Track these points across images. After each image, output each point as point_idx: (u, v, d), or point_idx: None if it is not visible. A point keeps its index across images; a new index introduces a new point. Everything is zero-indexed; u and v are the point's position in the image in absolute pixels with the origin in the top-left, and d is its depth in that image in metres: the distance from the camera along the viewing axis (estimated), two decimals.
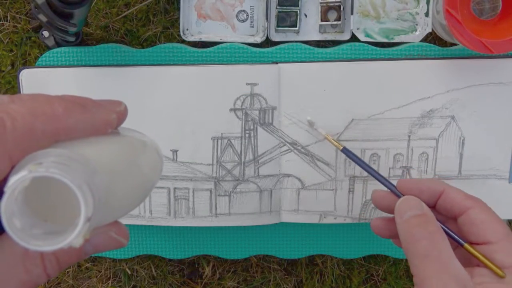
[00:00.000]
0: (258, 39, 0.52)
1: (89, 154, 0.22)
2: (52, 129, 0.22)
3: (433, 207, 0.39)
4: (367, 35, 0.52)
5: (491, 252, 0.35)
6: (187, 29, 0.53)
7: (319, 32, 0.53)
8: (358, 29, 0.52)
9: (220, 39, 0.52)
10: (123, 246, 0.27)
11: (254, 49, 0.51)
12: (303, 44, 0.51)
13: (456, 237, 0.37)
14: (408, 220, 0.36)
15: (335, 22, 0.52)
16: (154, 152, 0.30)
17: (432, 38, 0.53)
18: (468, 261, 0.36)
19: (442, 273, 0.33)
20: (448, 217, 0.38)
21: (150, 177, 0.29)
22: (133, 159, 0.27)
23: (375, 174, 0.42)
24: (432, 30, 0.51)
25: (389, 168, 0.52)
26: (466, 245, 0.36)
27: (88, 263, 0.59)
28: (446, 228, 0.37)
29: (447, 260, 0.34)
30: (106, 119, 0.25)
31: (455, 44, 0.52)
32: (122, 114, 0.27)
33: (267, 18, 0.52)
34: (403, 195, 0.39)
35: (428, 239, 0.35)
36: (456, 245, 0.37)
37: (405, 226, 0.36)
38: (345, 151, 0.46)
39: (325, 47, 0.53)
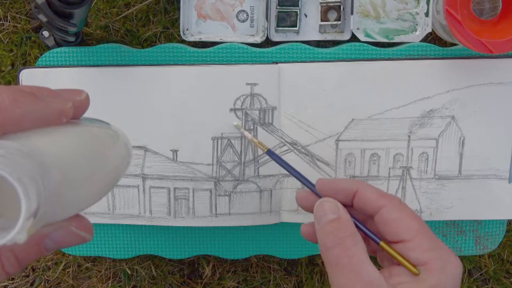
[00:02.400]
0: (258, 39, 0.52)
1: (41, 145, 0.21)
2: None
3: (352, 206, 0.38)
4: (367, 35, 0.52)
5: (407, 250, 0.34)
6: (187, 29, 0.53)
7: (319, 32, 0.53)
8: (358, 29, 0.52)
9: (220, 39, 0.52)
10: (86, 241, 0.26)
11: (254, 49, 0.51)
12: (303, 44, 0.51)
13: (372, 235, 0.36)
14: (323, 227, 0.36)
15: (335, 22, 0.52)
16: (120, 143, 0.29)
17: (432, 38, 0.53)
18: (391, 260, 0.36)
19: (353, 281, 0.33)
20: (367, 216, 0.38)
21: (114, 169, 0.28)
22: (94, 150, 0.26)
23: (299, 177, 0.41)
24: (432, 30, 0.51)
25: (389, 168, 0.52)
26: (381, 243, 0.36)
27: (88, 263, 0.59)
28: (362, 227, 0.37)
29: (358, 266, 0.33)
30: (60, 109, 0.24)
31: (455, 44, 0.52)
32: (82, 103, 0.26)
33: (267, 18, 0.52)
34: (322, 196, 0.38)
35: (339, 246, 0.34)
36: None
37: (320, 234, 0.36)
38: (269, 153, 0.45)
39: (325, 47, 0.53)
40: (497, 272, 0.59)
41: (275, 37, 0.53)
